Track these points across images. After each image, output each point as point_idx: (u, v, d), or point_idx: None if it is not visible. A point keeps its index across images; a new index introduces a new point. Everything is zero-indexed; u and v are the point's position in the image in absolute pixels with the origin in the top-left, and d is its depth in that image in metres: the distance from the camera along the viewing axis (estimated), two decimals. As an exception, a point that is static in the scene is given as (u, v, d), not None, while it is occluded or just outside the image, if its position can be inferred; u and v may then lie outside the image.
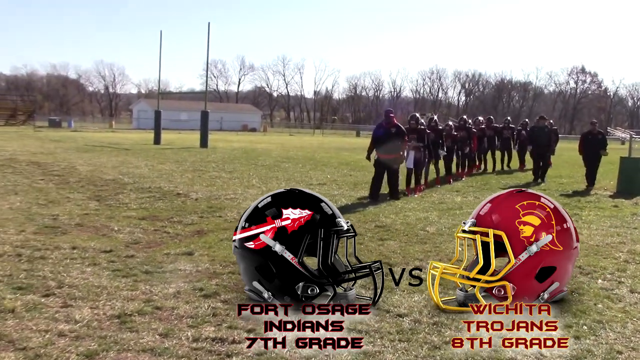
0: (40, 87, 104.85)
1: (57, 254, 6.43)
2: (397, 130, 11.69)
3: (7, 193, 10.95)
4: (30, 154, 20.38)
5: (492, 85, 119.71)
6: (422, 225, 8.93)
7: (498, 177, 17.44)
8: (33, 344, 3.90)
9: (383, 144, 11.67)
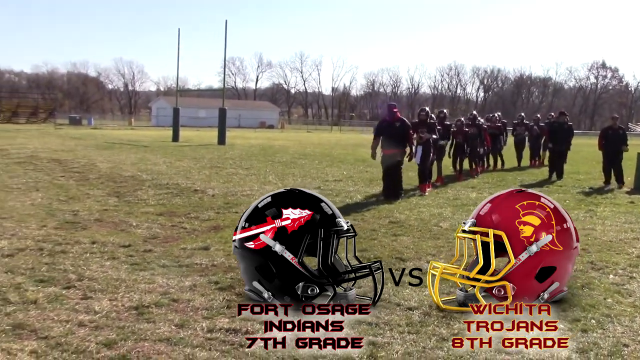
0: (60, 85, 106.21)
1: (77, 249, 6.62)
2: (401, 125, 11.32)
3: (28, 189, 11.20)
4: (51, 151, 20.72)
5: (511, 81, 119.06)
6: (436, 221, 9.01)
7: (514, 174, 17.42)
8: (54, 333, 4.07)
9: (387, 139, 11.32)
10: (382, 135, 11.40)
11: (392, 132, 11.23)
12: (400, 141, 11.23)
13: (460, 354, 3.94)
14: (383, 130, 11.42)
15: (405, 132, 11.29)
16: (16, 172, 13.98)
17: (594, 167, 18.66)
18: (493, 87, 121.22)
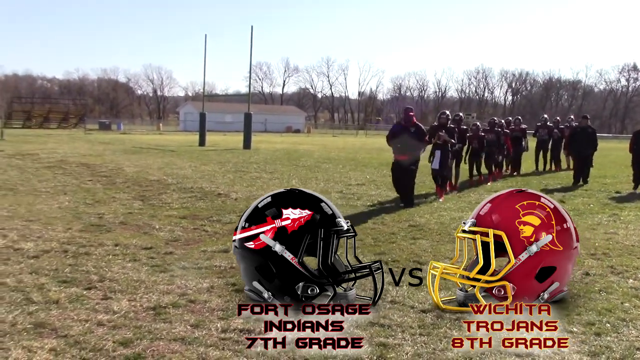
0: (91, 91, 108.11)
1: (101, 251, 6.78)
2: (416, 130, 10.80)
3: (57, 193, 11.46)
4: (80, 155, 21.13)
5: (540, 84, 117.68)
6: (455, 224, 8.96)
7: (540, 178, 17.24)
8: (73, 332, 4.20)
9: (400, 144, 10.81)
10: (396, 140, 10.90)
11: (406, 137, 10.76)
12: (414, 147, 10.77)
13: (470, 356, 3.97)
14: (397, 134, 10.92)
15: (420, 139, 10.87)
16: (45, 176, 14.31)
17: (622, 171, 18.39)
18: (521, 90, 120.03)
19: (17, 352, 3.82)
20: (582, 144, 15.67)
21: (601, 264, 6.66)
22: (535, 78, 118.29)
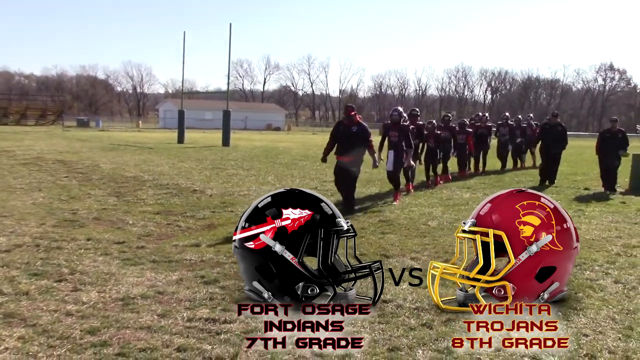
0: (69, 88, 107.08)
1: (73, 245, 6.88)
2: (358, 130, 10.05)
3: (31, 189, 11.49)
4: (56, 152, 21.05)
5: (519, 83, 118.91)
6: (424, 219, 9.21)
7: (512, 175, 17.56)
8: (42, 322, 4.33)
9: (342, 145, 10.11)
10: (338, 141, 10.22)
11: (348, 138, 10.06)
12: (356, 149, 10.05)
13: (423, 337, 4.16)
14: (338, 135, 10.22)
15: (364, 139, 10.08)
16: (21, 173, 14.28)
17: (593, 169, 18.74)
18: (501, 89, 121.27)
19: (-15, 340, 3.94)
20: (551, 142, 15.19)
21: (561, 257, 6.88)
22: (514, 77, 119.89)
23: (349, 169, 10.04)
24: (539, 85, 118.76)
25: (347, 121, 10.17)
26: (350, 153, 9.99)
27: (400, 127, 11.06)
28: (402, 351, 4.02)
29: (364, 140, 10.06)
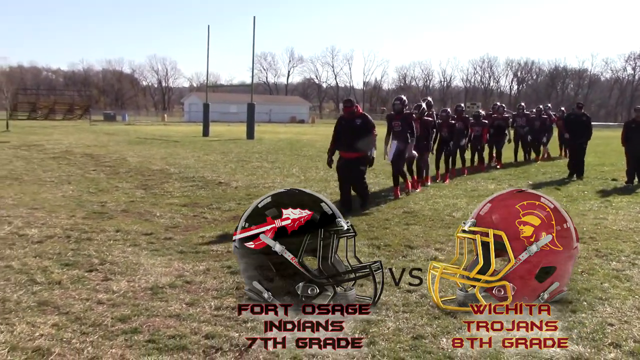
0: (96, 82, 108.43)
1: (102, 236, 7.04)
2: (362, 122, 9.41)
3: (61, 183, 11.73)
4: (84, 146, 21.40)
5: (546, 73, 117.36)
6: (449, 211, 9.22)
7: (538, 166, 17.39)
8: (75, 310, 4.46)
9: (346, 141, 9.42)
10: (342, 137, 9.53)
11: (351, 132, 9.38)
12: (360, 142, 9.37)
13: (447, 326, 4.20)
14: (341, 130, 9.55)
15: (368, 132, 9.40)
16: (50, 167, 14.58)
17: (620, 160, 18.48)
18: (527, 79, 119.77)
19: (21, 327, 4.08)
20: (576, 133, 14.84)
21: (587, 248, 6.86)
22: (541, 67, 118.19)
23: (355, 167, 9.42)
24: (567, 75, 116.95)
25: (349, 115, 9.55)
26: (356, 148, 9.35)
27: (403, 116, 10.63)
28: (426, 339, 4.07)
29: (368, 133, 9.39)
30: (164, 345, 3.88)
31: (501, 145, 17.03)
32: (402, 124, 10.60)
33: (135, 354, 3.74)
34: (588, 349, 3.97)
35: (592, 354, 3.91)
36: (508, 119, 17.63)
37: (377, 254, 6.49)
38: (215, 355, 3.77)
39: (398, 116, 10.64)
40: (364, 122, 9.42)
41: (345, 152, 9.51)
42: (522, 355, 3.87)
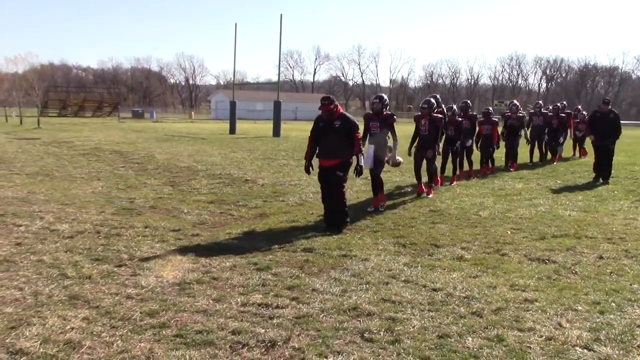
0: (125, 80, 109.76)
1: (131, 232, 7.15)
2: (342, 124, 7.93)
3: (91, 179, 11.91)
4: (113, 143, 21.68)
5: (575, 71, 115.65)
6: (475, 210, 9.16)
7: (567, 165, 17.14)
8: (104, 304, 4.55)
9: (324, 145, 8.02)
10: (320, 141, 8.12)
11: (331, 135, 7.95)
12: (341, 147, 7.94)
13: (472, 325, 4.20)
14: (319, 132, 8.13)
15: (350, 134, 7.95)
16: (80, 163, 14.81)
17: (652, 159, 18.21)
18: (556, 77, 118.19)
19: (53, 320, 4.17)
20: (602, 132, 13.18)
21: (616, 248, 6.78)
22: (571, 64, 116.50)
23: (334, 175, 7.95)
24: (597, 72, 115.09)
25: (327, 115, 8.02)
26: (336, 154, 7.94)
27: (383, 117, 9.27)
28: (452, 338, 4.06)
29: (350, 136, 7.94)
30: (191, 340, 3.94)
31: (515, 146, 15.54)
32: (380, 126, 9.25)
33: (164, 348, 3.81)
34: (616, 350, 3.93)
35: (620, 356, 3.87)
36: (522, 118, 15.99)
37: (403, 252, 6.49)
38: (241, 351, 3.82)
39: (376, 116, 9.33)
40: (343, 124, 7.95)
41: (323, 158, 8.08)
42: (549, 355, 3.85)
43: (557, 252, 6.55)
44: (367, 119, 9.48)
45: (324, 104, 7.97)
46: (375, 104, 9.36)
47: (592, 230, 7.72)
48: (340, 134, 7.92)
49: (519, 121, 15.64)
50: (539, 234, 7.48)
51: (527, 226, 7.95)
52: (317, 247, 6.57)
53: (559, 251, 6.61)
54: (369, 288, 5.14)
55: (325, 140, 8.01)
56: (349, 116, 8.10)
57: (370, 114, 9.51)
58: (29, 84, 39.81)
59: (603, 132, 13.18)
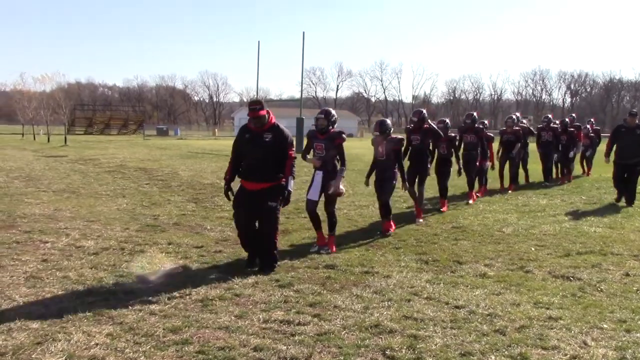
0: (149, 98, 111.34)
1: (155, 249, 7.22)
2: (274, 138, 6.38)
3: (116, 196, 12.06)
4: (138, 160, 21.93)
5: (600, 86, 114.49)
6: (499, 226, 9.08)
7: (592, 181, 16.91)
8: (128, 320, 4.60)
9: (250, 163, 6.45)
10: (244, 157, 6.54)
11: (258, 151, 6.35)
12: (272, 167, 6.39)
13: (497, 347, 4.16)
14: (243, 146, 6.53)
15: (281, 151, 6.42)
16: (106, 180, 15.01)
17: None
18: (580, 92, 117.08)
19: (78, 336, 4.23)
20: (627, 150, 11.68)
21: (645, 267, 6.67)
22: (595, 79, 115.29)
23: (262, 202, 6.34)
24: (622, 87, 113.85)
25: (256, 125, 6.44)
26: (265, 175, 6.36)
27: (329, 135, 7.56)
28: (475, 356, 4.03)
29: (282, 154, 6.43)
30: (213, 356, 3.96)
31: (514, 165, 14.08)
32: (326, 147, 7.54)
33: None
34: (643, 369, 3.87)
35: (647, 375, 3.80)
36: (518, 132, 14.18)
37: (425, 269, 6.46)
38: (263, 368, 3.83)
39: (322, 136, 7.59)
40: (276, 137, 6.40)
41: (247, 180, 6.48)
42: (574, 374, 3.80)
43: (582, 269, 6.47)
44: (310, 137, 7.89)
45: (253, 108, 6.34)
46: (320, 120, 7.62)
47: (618, 247, 7.62)
48: (271, 150, 6.34)
49: (515, 136, 14.06)
50: (563, 251, 7.40)
51: (552, 243, 7.87)
52: (339, 264, 6.57)
53: (584, 268, 6.53)
54: (390, 305, 5.12)
55: (252, 156, 6.42)
56: (283, 128, 6.54)
57: (313, 130, 7.82)
58: (57, 103, 40.52)
59: (628, 149, 11.64)
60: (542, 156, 15.58)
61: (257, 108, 6.36)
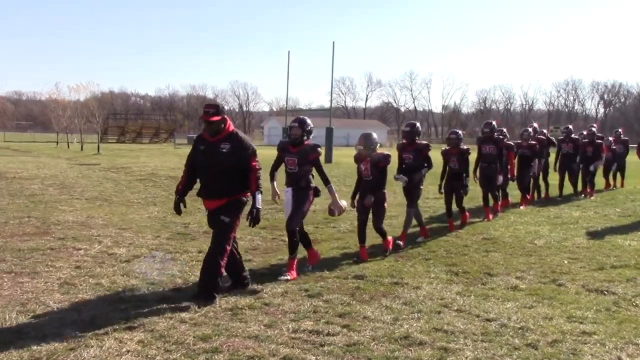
0: (180, 107, 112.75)
1: (185, 257, 7.29)
2: (232, 148, 5.57)
3: (147, 204, 12.21)
4: (169, 169, 22.18)
5: (635, 96, 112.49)
6: (530, 238, 8.97)
7: (627, 193, 16.61)
8: (159, 327, 4.65)
9: (206, 178, 5.78)
10: (199, 170, 5.85)
11: (214, 164, 5.59)
12: (230, 182, 5.64)
13: (527, 357, 4.10)
14: (199, 159, 5.79)
15: (241, 163, 5.63)
16: (137, 188, 15.21)
17: None
18: (614, 102, 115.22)
19: (109, 343, 4.28)
20: None
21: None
22: (629, 89, 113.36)
23: (219, 219, 5.75)
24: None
25: (211, 134, 5.66)
26: (222, 191, 5.69)
27: (302, 149, 6.72)
28: (506, 370, 3.98)
29: (243, 166, 5.63)
30: (243, 365, 3.98)
31: (527, 181, 12.99)
32: (299, 162, 6.75)
33: (216, 373, 3.85)
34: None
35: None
36: (534, 146, 12.98)
37: (455, 281, 6.41)
38: (292, 378, 3.83)
39: (294, 148, 6.77)
40: (234, 147, 5.59)
41: (205, 198, 5.88)
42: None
43: (617, 283, 6.35)
44: (280, 149, 6.98)
45: (206, 112, 5.51)
46: (294, 130, 6.72)
47: (653, 261, 7.46)
48: (230, 163, 5.56)
49: (531, 150, 12.88)
50: (597, 264, 7.26)
51: (585, 256, 7.74)
52: (369, 274, 6.55)
53: (619, 282, 6.41)
54: (420, 317, 5.09)
55: (208, 170, 5.66)
56: (242, 137, 5.69)
57: (285, 142, 7.00)
58: (90, 112, 41.30)
59: None
60: (560, 169, 14.70)
61: (210, 112, 5.49)
